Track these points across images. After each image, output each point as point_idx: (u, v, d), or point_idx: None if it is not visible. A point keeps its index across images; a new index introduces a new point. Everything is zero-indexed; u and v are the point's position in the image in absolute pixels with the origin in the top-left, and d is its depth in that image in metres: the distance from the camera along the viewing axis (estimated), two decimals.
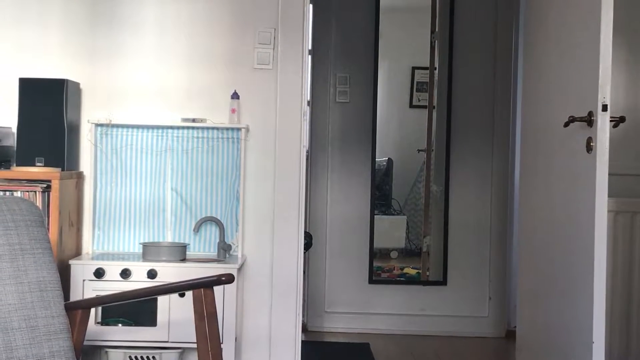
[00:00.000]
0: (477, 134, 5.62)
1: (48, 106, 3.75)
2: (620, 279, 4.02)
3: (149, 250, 3.79)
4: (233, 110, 4.02)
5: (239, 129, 4.02)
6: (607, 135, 3.14)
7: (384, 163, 6.30)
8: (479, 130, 5.62)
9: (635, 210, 4.04)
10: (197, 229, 3.99)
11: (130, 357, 3.69)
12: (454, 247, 5.64)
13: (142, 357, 3.69)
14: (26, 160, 3.72)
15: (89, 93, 4.08)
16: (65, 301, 2.90)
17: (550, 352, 3.67)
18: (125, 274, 3.66)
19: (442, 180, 5.68)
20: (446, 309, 5.64)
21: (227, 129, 4.03)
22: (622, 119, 3.43)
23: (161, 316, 3.65)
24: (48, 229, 3.53)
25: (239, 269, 3.80)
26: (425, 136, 6.00)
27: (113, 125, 4.01)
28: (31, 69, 4.04)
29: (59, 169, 3.70)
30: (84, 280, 3.67)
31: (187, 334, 3.60)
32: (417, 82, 6.33)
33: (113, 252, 4.00)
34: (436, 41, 5.92)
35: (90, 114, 4.05)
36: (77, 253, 3.98)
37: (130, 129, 4.02)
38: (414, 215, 6.36)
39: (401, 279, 5.90)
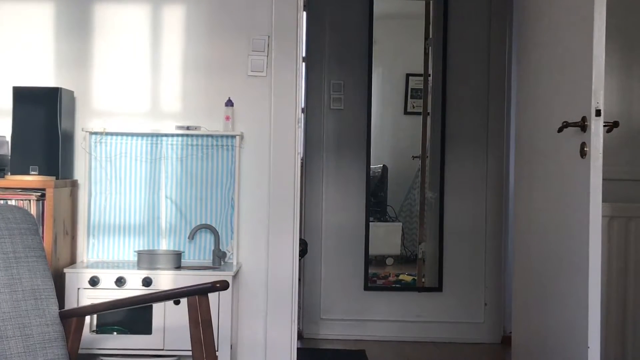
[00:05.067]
0: (471, 140, 5.62)
1: (42, 115, 3.75)
2: (615, 284, 4.02)
3: (144, 258, 3.79)
4: (227, 118, 4.02)
5: (233, 137, 4.02)
6: (601, 140, 3.15)
7: (379, 170, 6.30)
8: (474, 136, 5.62)
9: (629, 215, 4.04)
10: (192, 236, 3.98)
11: None
12: (450, 253, 5.64)
13: None
14: (20, 168, 3.72)
15: (83, 101, 4.08)
16: (59, 309, 2.90)
17: (546, 357, 3.66)
18: (120, 282, 3.66)
19: (437, 187, 5.68)
20: (442, 315, 5.63)
21: (222, 136, 4.03)
22: (615, 124, 3.43)
23: (156, 324, 3.65)
24: (42, 237, 3.53)
25: (234, 276, 3.79)
26: (419, 143, 6.01)
27: (107, 134, 4.01)
28: (25, 77, 4.04)
29: (53, 178, 3.70)
30: (78, 289, 3.66)
31: (182, 341, 3.59)
32: (412, 89, 6.33)
33: (108, 260, 4.00)
34: (430, 48, 5.93)
35: (84, 122, 4.05)
36: (72, 261, 3.97)
37: (124, 137, 4.02)
38: (409, 221, 6.35)
39: (397, 285, 5.89)
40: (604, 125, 3.18)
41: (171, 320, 3.63)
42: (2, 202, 3.58)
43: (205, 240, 4.03)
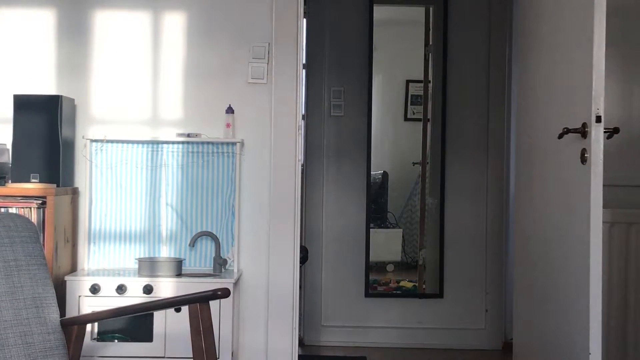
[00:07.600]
0: (471, 146, 5.62)
1: (43, 122, 3.75)
2: (616, 290, 4.02)
3: (145, 266, 3.79)
4: (228, 125, 4.02)
5: (234, 144, 4.03)
6: (602, 146, 3.14)
7: (379, 176, 6.30)
8: (474, 142, 5.62)
9: (630, 221, 4.04)
10: (192, 243, 3.98)
11: None
12: (450, 259, 5.64)
13: None
14: (21, 176, 3.72)
15: (84, 109, 4.08)
16: (61, 317, 2.90)
17: None
18: (121, 289, 3.66)
19: (438, 193, 5.68)
20: (443, 322, 5.62)
21: (222, 143, 4.03)
22: (616, 130, 3.43)
23: (157, 331, 3.65)
24: (43, 245, 3.53)
25: (235, 284, 3.79)
26: (420, 149, 6.01)
27: (108, 141, 4.01)
28: (25, 85, 4.05)
29: (54, 185, 3.70)
30: (79, 296, 3.66)
31: (183, 349, 3.58)
32: (412, 95, 6.33)
33: (109, 268, 3.99)
34: (430, 54, 5.94)
35: (85, 129, 4.06)
36: (73, 269, 3.97)
37: (125, 145, 4.02)
38: (410, 228, 6.35)
39: (397, 292, 5.88)
40: (605, 132, 3.18)
41: (172, 327, 3.63)
42: (3, 210, 3.58)
43: (205, 247, 4.03)
